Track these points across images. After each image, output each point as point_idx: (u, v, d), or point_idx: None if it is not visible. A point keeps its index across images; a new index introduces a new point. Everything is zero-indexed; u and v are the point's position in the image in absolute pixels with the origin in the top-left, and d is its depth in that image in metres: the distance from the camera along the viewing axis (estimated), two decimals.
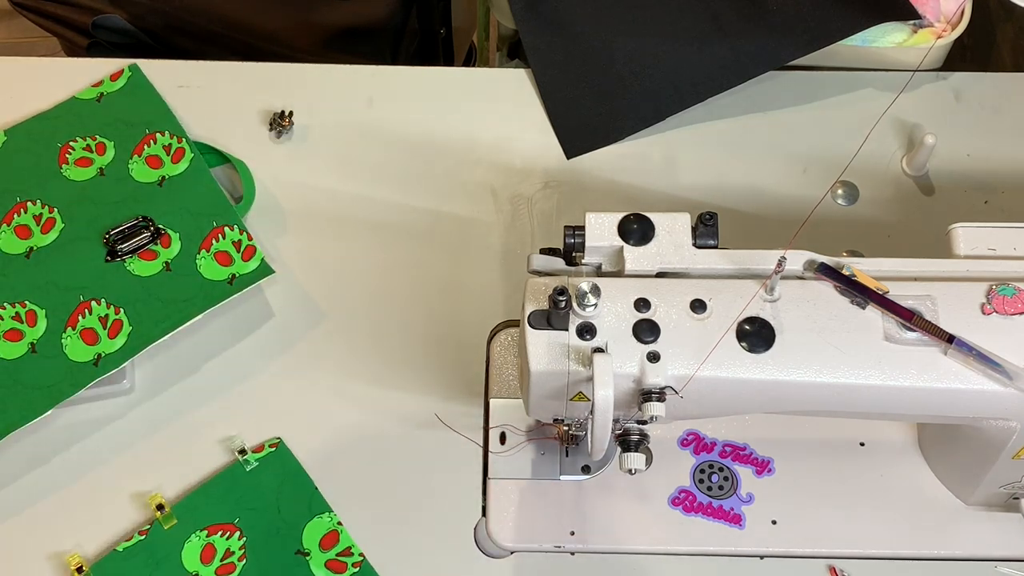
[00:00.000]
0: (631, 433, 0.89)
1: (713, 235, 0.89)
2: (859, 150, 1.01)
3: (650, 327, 0.84)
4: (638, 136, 1.21)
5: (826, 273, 0.87)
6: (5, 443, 1.00)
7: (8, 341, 1.04)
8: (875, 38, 1.20)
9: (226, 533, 0.99)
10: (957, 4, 1.20)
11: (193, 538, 0.98)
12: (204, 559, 0.97)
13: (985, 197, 1.17)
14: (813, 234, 0.90)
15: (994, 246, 0.90)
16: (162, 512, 0.98)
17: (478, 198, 1.17)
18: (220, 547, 0.98)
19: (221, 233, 1.10)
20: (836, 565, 0.98)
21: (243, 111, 1.22)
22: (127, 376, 1.06)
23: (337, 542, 0.98)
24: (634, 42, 1.21)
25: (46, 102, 1.20)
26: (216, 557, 0.98)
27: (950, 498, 1.00)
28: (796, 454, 1.03)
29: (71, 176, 1.14)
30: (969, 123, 1.21)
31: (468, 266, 1.13)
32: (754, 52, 1.19)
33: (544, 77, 1.24)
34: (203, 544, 0.98)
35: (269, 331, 1.09)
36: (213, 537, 0.98)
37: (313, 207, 1.17)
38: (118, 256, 1.08)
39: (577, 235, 0.89)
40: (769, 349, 0.84)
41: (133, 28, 1.41)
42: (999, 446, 0.90)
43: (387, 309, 1.11)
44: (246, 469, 1.01)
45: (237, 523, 0.99)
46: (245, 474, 1.01)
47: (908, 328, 0.85)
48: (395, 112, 1.23)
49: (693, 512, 1.00)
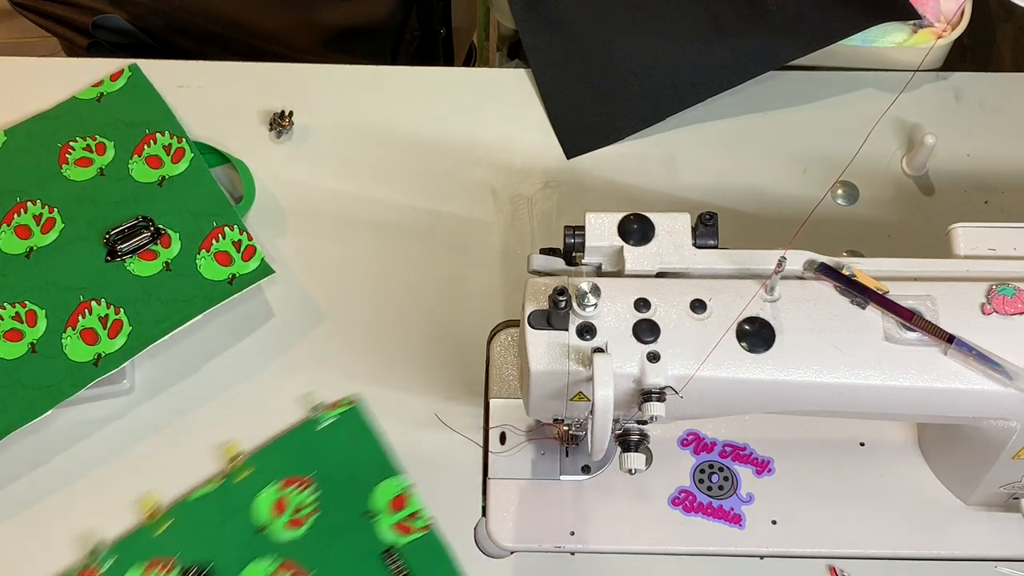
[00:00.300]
0: (631, 433, 0.89)
1: (713, 235, 0.89)
2: (859, 150, 1.01)
3: (650, 327, 0.84)
4: (638, 136, 1.21)
5: (826, 273, 0.87)
6: (5, 443, 1.00)
7: (8, 341, 1.04)
8: (875, 38, 1.20)
9: (300, 486, 1.00)
10: (957, 4, 1.20)
11: (267, 490, 1.00)
12: (277, 511, 0.99)
13: (985, 197, 1.17)
14: (813, 234, 0.90)
15: (994, 246, 0.90)
16: (237, 462, 1.00)
17: (478, 198, 1.17)
18: (293, 500, 0.99)
19: (221, 233, 1.10)
20: (836, 565, 0.98)
21: (243, 111, 1.22)
22: (127, 376, 1.06)
23: (406, 505, 0.99)
24: (634, 42, 1.21)
25: (46, 102, 1.20)
26: (288, 510, 0.99)
27: (950, 498, 1.00)
28: (796, 454, 1.03)
29: (71, 176, 1.14)
30: (969, 123, 1.21)
31: (468, 266, 1.13)
32: (754, 52, 1.19)
33: (544, 77, 1.24)
34: (276, 496, 1.00)
35: (269, 331, 1.09)
36: (287, 490, 1.00)
37: (313, 207, 1.17)
38: (118, 256, 1.08)
39: (577, 235, 0.89)
40: (769, 349, 0.84)
41: (133, 28, 1.41)
42: (999, 446, 0.90)
43: (387, 309, 1.11)
44: (318, 427, 1.02)
45: (313, 476, 1.00)
46: (318, 432, 1.02)
47: (908, 328, 0.85)
48: (395, 112, 1.23)
49: (693, 512, 1.00)
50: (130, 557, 0.98)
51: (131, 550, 0.98)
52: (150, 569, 0.97)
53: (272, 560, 0.97)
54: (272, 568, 0.97)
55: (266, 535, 0.98)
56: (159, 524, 0.99)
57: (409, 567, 0.97)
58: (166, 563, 0.97)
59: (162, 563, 0.97)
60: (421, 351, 1.08)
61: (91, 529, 1.00)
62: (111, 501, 1.01)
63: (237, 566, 0.97)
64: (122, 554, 0.98)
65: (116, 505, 1.01)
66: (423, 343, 1.09)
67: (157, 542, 0.98)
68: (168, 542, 0.98)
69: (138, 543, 0.98)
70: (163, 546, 0.98)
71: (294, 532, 0.98)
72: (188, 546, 0.98)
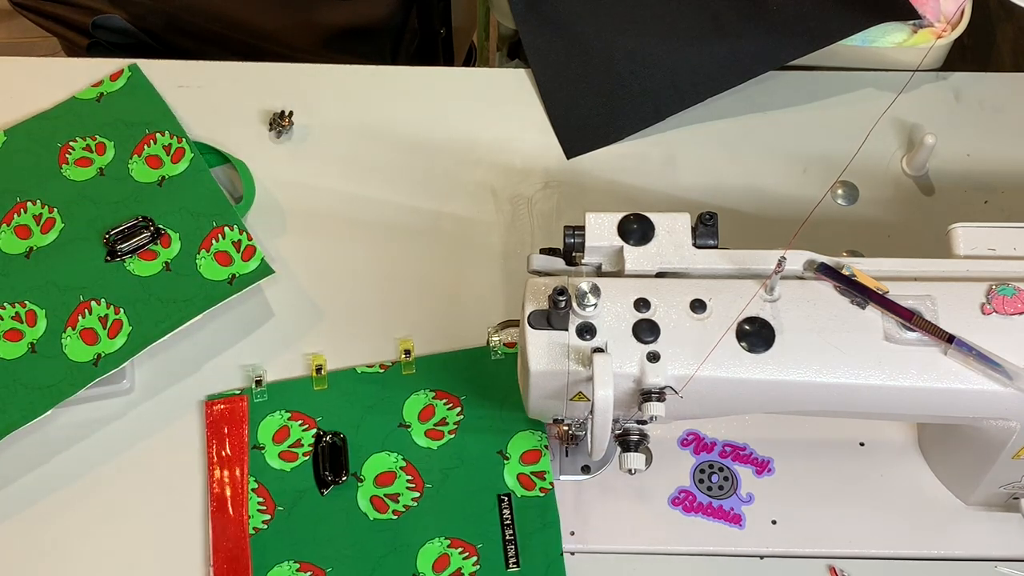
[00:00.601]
0: (631, 433, 0.89)
1: (713, 235, 0.89)
2: (859, 150, 1.01)
3: (650, 327, 0.84)
4: (638, 136, 1.21)
5: (826, 273, 0.87)
6: (5, 443, 1.00)
7: (8, 341, 1.04)
8: (875, 38, 1.20)
9: (449, 403, 1.03)
10: (957, 4, 1.20)
11: (421, 393, 1.03)
12: (423, 416, 1.02)
13: (985, 197, 1.17)
14: (813, 234, 0.90)
15: (994, 246, 0.90)
16: (407, 357, 1.05)
17: (478, 198, 1.17)
18: (439, 412, 1.03)
19: (221, 233, 1.10)
20: (836, 565, 0.98)
21: (243, 111, 1.22)
22: (127, 376, 1.06)
23: (537, 461, 1.00)
24: (634, 42, 1.21)
25: (46, 102, 1.20)
26: (432, 419, 1.02)
27: (950, 498, 1.00)
28: (796, 454, 1.03)
29: (71, 176, 1.14)
30: (969, 123, 1.21)
31: (468, 266, 1.13)
32: (754, 52, 1.19)
33: (544, 77, 1.24)
34: (427, 402, 1.03)
35: (269, 331, 1.09)
36: (438, 401, 1.03)
37: (313, 207, 1.17)
38: (118, 256, 1.08)
39: (577, 235, 0.89)
40: (769, 349, 0.84)
41: (133, 28, 1.41)
42: (999, 446, 0.90)
43: (387, 309, 1.11)
44: (492, 357, 1.05)
45: (463, 400, 1.03)
46: (490, 361, 1.05)
47: (908, 328, 0.85)
48: (395, 112, 1.23)
49: (693, 512, 1.00)
50: (280, 402, 1.03)
51: (284, 395, 1.03)
52: (293, 420, 1.02)
53: (398, 458, 1.00)
54: (396, 465, 1.00)
55: (406, 433, 1.02)
56: (319, 382, 1.04)
57: (516, 519, 0.98)
58: (307, 421, 1.03)
59: (304, 419, 1.03)
60: (421, 351, 1.08)
61: (91, 529, 1.00)
62: (111, 501, 1.01)
63: (368, 449, 1.01)
64: (273, 396, 1.03)
65: (116, 505, 1.01)
66: (423, 343, 1.08)
67: (309, 398, 1.03)
68: (318, 403, 1.03)
69: (292, 392, 1.04)
70: (312, 404, 1.03)
71: (430, 442, 1.01)
72: (334, 413, 1.02)
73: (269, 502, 0.99)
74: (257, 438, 1.02)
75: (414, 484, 0.99)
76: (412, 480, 1.00)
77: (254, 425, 1.02)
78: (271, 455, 1.01)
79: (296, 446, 1.01)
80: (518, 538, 0.97)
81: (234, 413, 1.02)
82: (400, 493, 0.99)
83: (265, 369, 1.05)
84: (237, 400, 1.03)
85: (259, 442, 1.01)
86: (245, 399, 1.03)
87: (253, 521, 0.98)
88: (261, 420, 1.02)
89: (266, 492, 0.99)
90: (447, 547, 0.97)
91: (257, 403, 1.03)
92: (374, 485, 1.00)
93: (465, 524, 0.98)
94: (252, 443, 1.01)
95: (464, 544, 0.97)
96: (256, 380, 1.04)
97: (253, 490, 0.99)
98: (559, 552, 0.96)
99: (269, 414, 1.03)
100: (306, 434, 1.02)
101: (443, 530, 0.98)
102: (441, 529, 0.98)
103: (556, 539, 0.97)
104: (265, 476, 1.00)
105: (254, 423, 1.02)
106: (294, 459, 1.01)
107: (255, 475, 1.00)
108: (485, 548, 0.97)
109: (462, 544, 0.97)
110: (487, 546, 0.97)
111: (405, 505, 0.99)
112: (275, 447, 1.01)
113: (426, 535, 0.97)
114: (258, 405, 1.03)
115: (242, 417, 1.02)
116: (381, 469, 1.00)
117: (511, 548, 0.97)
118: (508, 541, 0.97)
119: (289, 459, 1.01)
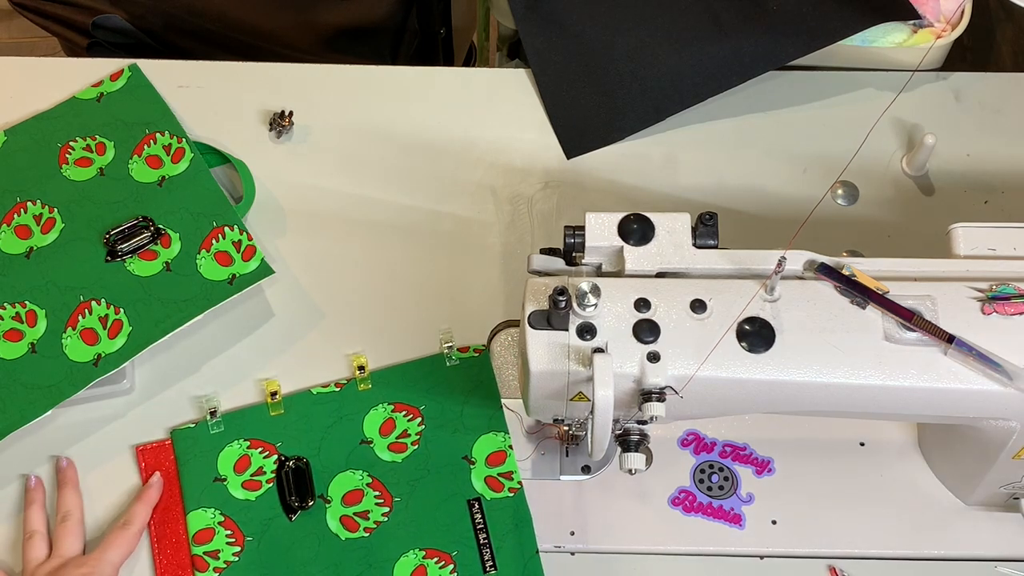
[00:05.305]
0: (631, 433, 0.89)
1: (713, 235, 0.89)
2: (859, 150, 1.01)
3: (650, 327, 0.84)
4: (638, 136, 1.21)
5: (826, 273, 0.87)
6: (5, 443, 1.00)
7: (8, 341, 1.04)
8: (875, 38, 1.20)
9: (409, 415, 1.02)
10: (957, 4, 1.20)
11: (380, 407, 1.03)
12: (383, 431, 1.02)
13: (985, 197, 1.17)
14: (813, 234, 0.90)
15: (994, 246, 0.90)
16: (362, 373, 1.04)
17: (478, 198, 1.17)
18: (400, 425, 1.02)
19: (221, 233, 1.10)
20: (836, 565, 0.98)
21: (243, 111, 1.22)
22: (127, 376, 1.06)
23: (503, 463, 1.00)
24: (634, 42, 1.21)
25: (46, 102, 1.20)
26: (394, 433, 1.02)
27: (950, 498, 1.00)
28: (796, 454, 1.03)
29: (71, 176, 1.14)
30: (969, 123, 1.21)
31: (468, 266, 1.13)
32: (754, 52, 1.19)
33: (544, 77, 1.24)
34: (387, 416, 1.03)
35: (269, 331, 1.09)
36: (397, 414, 1.03)
37: (313, 207, 1.17)
38: (118, 256, 1.08)
39: (577, 235, 0.89)
40: (769, 349, 0.84)
41: (133, 28, 1.41)
42: (999, 446, 0.90)
43: (387, 309, 1.11)
44: (447, 364, 1.05)
45: (422, 410, 1.03)
46: (444, 368, 1.05)
47: (908, 328, 0.85)
48: (395, 112, 1.23)
49: (693, 512, 1.00)
50: (237, 430, 1.02)
51: (240, 424, 1.02)
52: (252, 447, 1.01)
53: (364, 475, 1.00)
54: (362, 483, 0.99)
55: (369, 449, 1.01)
56: (275, 408, 1.03)
57: (489, 522, 0.98)
58: (267, 447, 1.01)
59: (263, 446, 1.01)
60: (421, 351, 1.08)
61: (91, 529, 1.00)
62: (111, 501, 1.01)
63: (332, 470, 1.00)
64: (230, 425, 1.02)
65: (115, 505, 1.01)
66: (423, 343, 1.09)
67: (266, 424, 1.02)
68: (276, 428, 1.02)
69: (249, 419, 1.02)
70: (270, 431, 1.02)
71: (394, 455, 1.01)
72: (293, 437, 1.02)
73: (237, 533, 0.97)
74: (218, 470, 1.00)
75: (382, 499, 0.99)
76: (380, 495, 0.99)
77: (213, 456, 1.01)
78: (234, 486, 1.00)
79: (259, 474, 1.00)
80: (492, 540, 0.97)
81: (161, 458, 1.01)
82: (369, 510, 0.98)
83: (219, 400, 1.03)
84: (162, 445, 1.02)
85: (220, 473, 1.00)
86: (170, 443, 1.02)
87: (224, 555, 0.96)
88: (220, 451, 1.01)
89: (233, 524, 0.98)
90: (423, 558, 0.96)
91: (214, 434, 1.02)
92: (342, 505, 0.99)
93: (438, 533, 0.97)
94: (213, 476, 1.00)
95: (439, 553, 0.96)
96: (211, 411, 1.03)
97: (219, 523, 0.98)
98: (535, 550, 0.96)
99: (228, 444, 1.01)
100: (267, 461, 1.00)
101: (417, 542, 0.97)
102: (415, 541, 0.97)
103: (530, 538, 0.97)
104: (230, 508, 0.99)
105: (212, 454, 1.01)
106: (258, 487, 0.99)
107: (219, 507, 0.98)
108: (460, 555, 0.97)
109: (437, 553, 0.96)
110: (462, 553, 0.97)
111: (376, 521, 0.98)
112: (237, 477, 1.00)
113: (400, 549, 0.97)
114: (215, 436, 1.02)
115: (170, 465, 1.01)
116: (348, 488, 0.99)
117: (486, 551, 0.96)
118: (483, 545, 0.97)
119: (253, 488, 0.99)
